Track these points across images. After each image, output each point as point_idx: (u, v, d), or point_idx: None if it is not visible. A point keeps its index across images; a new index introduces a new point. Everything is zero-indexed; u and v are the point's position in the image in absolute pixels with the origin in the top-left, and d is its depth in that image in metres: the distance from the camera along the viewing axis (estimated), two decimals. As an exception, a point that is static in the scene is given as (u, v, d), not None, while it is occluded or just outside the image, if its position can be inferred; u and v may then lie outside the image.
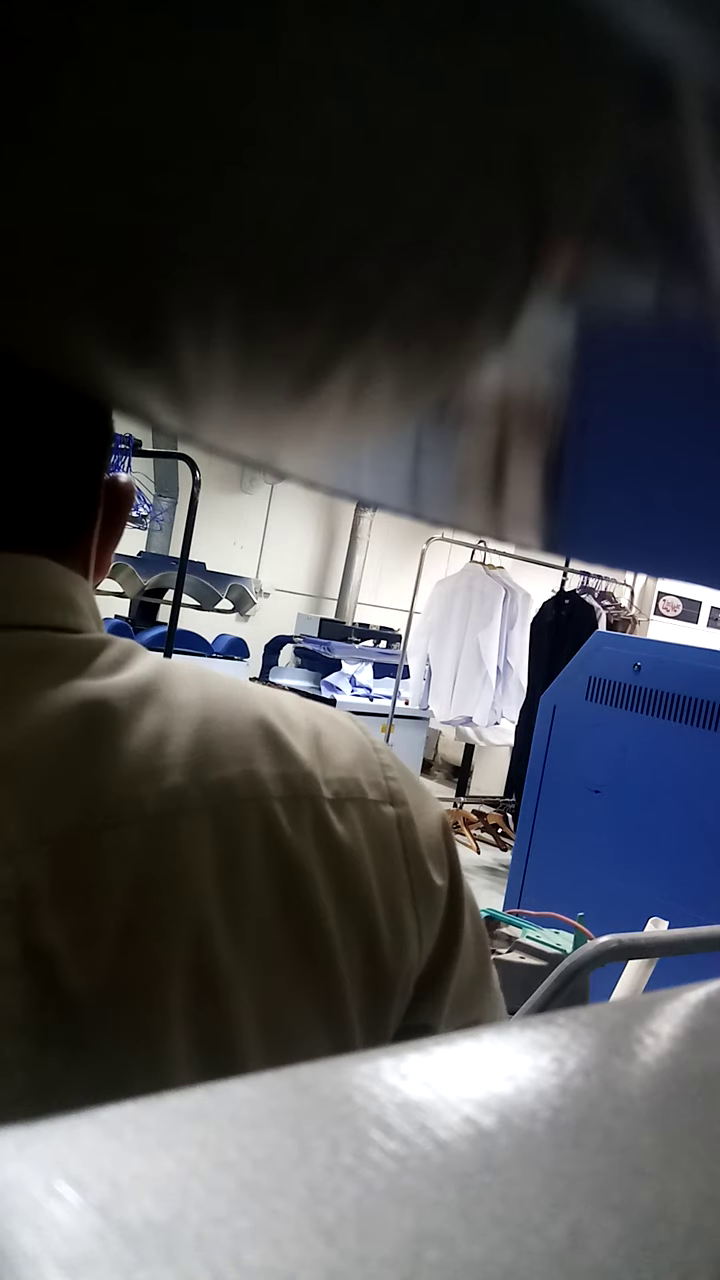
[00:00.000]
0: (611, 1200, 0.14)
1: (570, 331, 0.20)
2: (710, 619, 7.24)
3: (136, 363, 0.24)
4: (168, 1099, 0.14)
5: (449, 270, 0.18)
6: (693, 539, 0.37)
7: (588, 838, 2.50)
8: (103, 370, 0.25)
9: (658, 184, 0.14)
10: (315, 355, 0.22)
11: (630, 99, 0.12)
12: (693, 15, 0.11)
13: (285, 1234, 0.12)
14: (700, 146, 0.13)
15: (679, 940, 0.85)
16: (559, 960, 0.90)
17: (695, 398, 0.23)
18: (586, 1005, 0.21)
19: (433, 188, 0.15)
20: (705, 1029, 0.21)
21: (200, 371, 0.23)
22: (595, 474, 0.32)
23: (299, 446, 0.32)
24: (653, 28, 0.11)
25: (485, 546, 5.13)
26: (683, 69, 0.12)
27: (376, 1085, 0.16)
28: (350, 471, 0.36)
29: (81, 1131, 0.13)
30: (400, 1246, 0.12)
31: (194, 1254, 0.11)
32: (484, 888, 4.76)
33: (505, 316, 0.20)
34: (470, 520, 0.42)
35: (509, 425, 0.28)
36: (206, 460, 3.96)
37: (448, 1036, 0.18)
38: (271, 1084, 0.15)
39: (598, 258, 0.17)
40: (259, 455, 0.34)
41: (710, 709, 2.29)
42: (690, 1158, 0.15)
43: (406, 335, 0.21)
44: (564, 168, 0.14)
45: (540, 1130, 0.15)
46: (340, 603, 6.70)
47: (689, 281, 0.17)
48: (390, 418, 0.27)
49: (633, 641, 2.80)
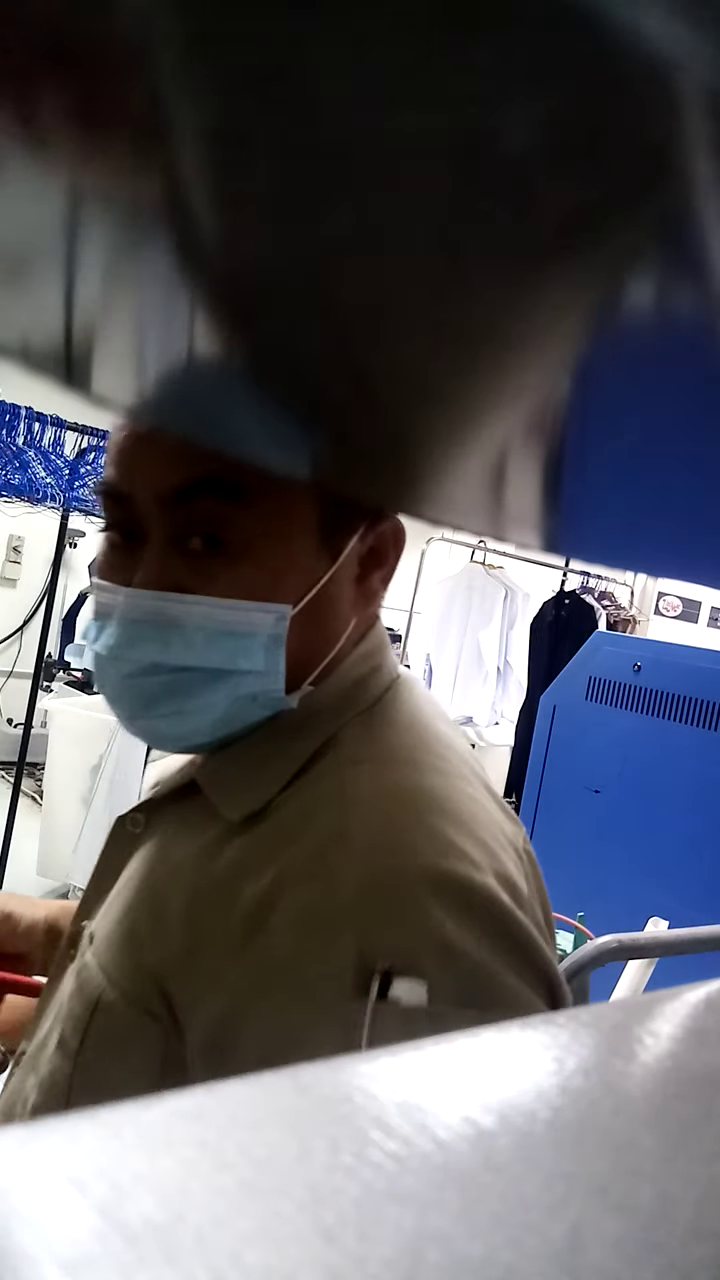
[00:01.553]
0: (611, 1200, 0.14)
1: (572, 331, 0.20)
2: (710, 619, 7.23)
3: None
4: (168, 1099, 0.14)
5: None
6: (693, 539, 0.37)
7: (588, 838, 2.50)
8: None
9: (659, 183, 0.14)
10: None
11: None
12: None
13: (285, 1234, 0.12)
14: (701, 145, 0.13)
15: (679, 940, 0.85)
16: (559, 960, 0.90)
17: (695, 397, 0.23)
18: (586, 1005, 0.21)
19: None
20: (705, 1029, 0.21)
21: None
22: (595, 474, 0.32)
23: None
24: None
25: (485, 546, 5.13)
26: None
27: (376, 1085, 0.16)
28: (352, 474, 0.36)
29: (81, 1131, 0.13)
30: (400, 1246, 0.12)
31: (194, 1254, 0.11)
32: (484, 888, 4.75)
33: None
34: (470, 520, 0.41)
35: (509, 425, 0.28)
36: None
37: (448, 1036, 0.18)
38: (271, 1084, 0.15)
39: (599, 256, 0.17)
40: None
41: (710, 709, 2.29)
42: (690, 1158, 0.15)
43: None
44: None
45: (540, 1130, 0.15)
46: (340, 603, 6.70)
47: (690, 281, 0.17)
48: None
49: (633, 641, 2.79)
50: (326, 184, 0.15)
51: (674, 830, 2.31)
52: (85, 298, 0.23)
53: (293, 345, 0.23)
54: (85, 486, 2.84)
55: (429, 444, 0.29)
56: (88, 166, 0.16)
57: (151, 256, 0.20)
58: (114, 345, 0.28)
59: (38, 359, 0.29)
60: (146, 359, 0.29)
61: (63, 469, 2.77)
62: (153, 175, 0.16)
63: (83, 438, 2.84)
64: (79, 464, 2.82)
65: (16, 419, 2.67)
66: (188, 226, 0.18)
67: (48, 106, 0.14)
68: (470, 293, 0.19)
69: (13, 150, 0.16)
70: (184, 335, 0.25)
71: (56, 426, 2.74)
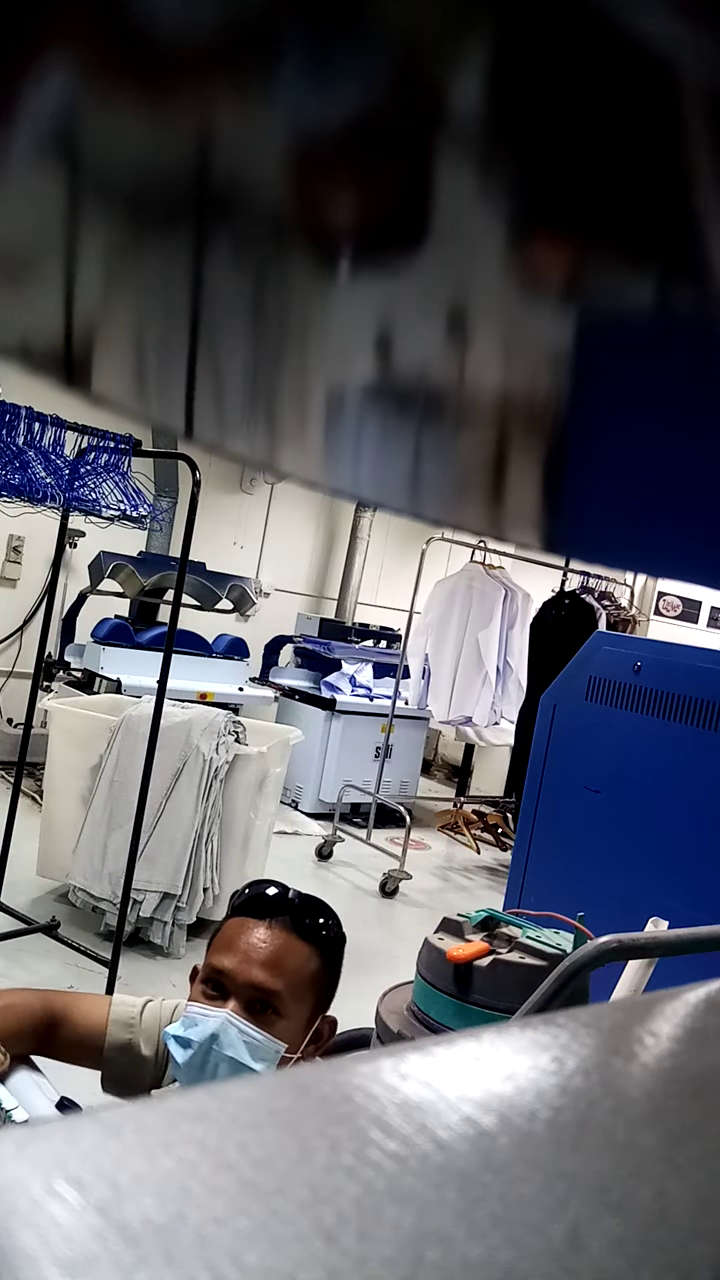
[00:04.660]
0: (611, 1200, 0.14)
1: (570, 330, 0.20)
2: (710, 619, 7.23)
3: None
4: (168, 1099, 0.14)
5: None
6: (693, 539, 0.37)
7: (588, 838, 2.50)
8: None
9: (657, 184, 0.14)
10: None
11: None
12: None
13: (285, 1234, 0.12)
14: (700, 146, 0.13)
15: (679, 940, 0.85)
16: (559, 960, 0.90)
17: (696, 396, 0.23)
18: (586, 1005, 0.21)
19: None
20: (705, 1029, 0.21)
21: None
22: (595, 473, 0.32)
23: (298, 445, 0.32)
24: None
25: (485, 546, 5.13)
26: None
27: (376, 1085, 0.16)
28: (350, 471, 0.36)
29: (81, 1131, 0.13)
30: (400, 1246, 0.12)
31: (194, 1254, 0.11)
32: (484, 888, 4.76)
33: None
34: (470, 520, 0.41)
35: (509, 425, 0.28)
36: (206, 460, 3.96)
37: (447, 1036, 0.18)
38: (271, 1084, 0.15)
39: (596, 257, 0.17)
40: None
41: (710, 709, 2.29)
42: (690, 1158, 0.15)
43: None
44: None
45: (540, 1130, 0.15)
46: (340, 603, 6.70)
47: (690, 280, 0.17)
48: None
49: (633, 641, 2.79)
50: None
51: (674, 830, 2.31)
52: (90, 297, 0.23)
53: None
54: (85, 486, 2.84)
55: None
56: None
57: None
58: (114, 345, 0.28)
59: (38, 359, 0.29)
60: (146, 359, 0.29)
61: (63, 469, 2.76)
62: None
63: (83, 438, 2.84)
64: (79, 464, 2.82)
65: (16, 419, 2.67)
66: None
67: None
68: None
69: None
70: (187, 338, 0.25)
71: (56, 426, 2.74)
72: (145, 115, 0.14)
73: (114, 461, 2.88)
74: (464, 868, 5.13)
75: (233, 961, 1.13)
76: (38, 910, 3.15)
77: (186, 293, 0.21)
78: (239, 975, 1.13)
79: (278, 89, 0.13)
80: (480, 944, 1.13)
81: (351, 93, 0.13)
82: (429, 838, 5.45)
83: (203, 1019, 1.12)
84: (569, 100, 0.12)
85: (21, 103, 0.14)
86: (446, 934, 1.17)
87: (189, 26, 0.12)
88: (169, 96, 0.13)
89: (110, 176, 0.16)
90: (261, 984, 1.12)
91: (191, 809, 3.09)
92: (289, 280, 0.20)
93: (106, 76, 0.13)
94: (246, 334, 0.23)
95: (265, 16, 0.11)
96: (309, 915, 1.19)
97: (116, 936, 2.77)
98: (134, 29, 0.12)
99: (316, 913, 1.21)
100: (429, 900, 4.30)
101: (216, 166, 0.15)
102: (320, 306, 0.21)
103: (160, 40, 0.12)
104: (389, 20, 0.11)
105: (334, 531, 7.09)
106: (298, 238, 0.17)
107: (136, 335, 0.27)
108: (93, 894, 3.08)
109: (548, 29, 0.11)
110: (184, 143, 0.15)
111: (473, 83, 0.12)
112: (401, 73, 0.12)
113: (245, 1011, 1.12)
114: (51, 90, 0.14)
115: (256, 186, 0.16)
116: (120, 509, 2.94)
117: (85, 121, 0.14)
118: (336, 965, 1.21)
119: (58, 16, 0.12)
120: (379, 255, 0.18)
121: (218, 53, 0.12)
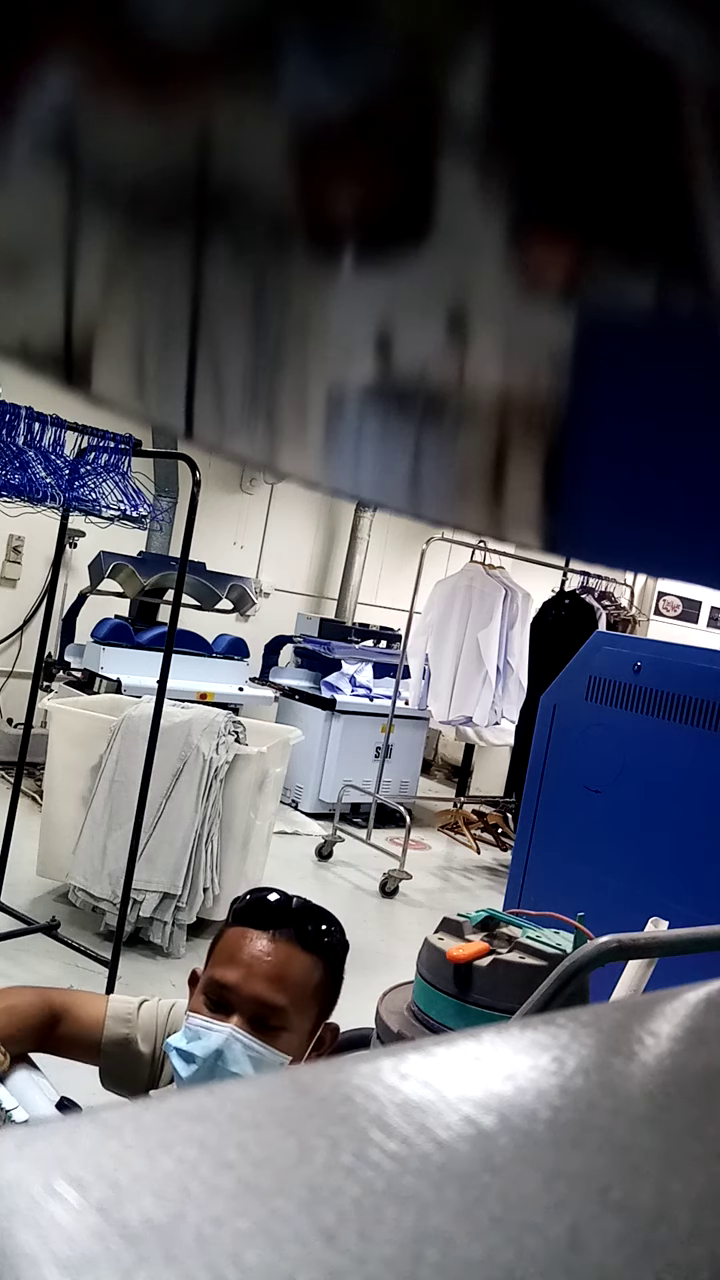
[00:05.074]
0: (611, 1200, 0.14)
1: (570, 330, 0.20)
2: (710, 619, 7.23)
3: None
4: (168, 1099, 0.14)
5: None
6: (693, 539, 0.37)
7: (588, 838, 2.50)
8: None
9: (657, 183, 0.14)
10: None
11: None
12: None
13: (285, 1234, 0.12)
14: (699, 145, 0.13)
15: (679, 940, 0.85)
16: (559, 960, 0.90)
17: (696, 396, 0.23)
18: (586, 1005, 0.21)
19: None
20: (705, 1029, 0.21)
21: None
22: (595, 473, 0.32)
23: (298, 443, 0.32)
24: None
25: (485, 546, 5.13)
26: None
27: (376, 1085, 0.16)
28: (350, 471, 0.36)
29: (81, 1131, 0.13)
30: (400, 1246, 0.12)
31: (194, 1254, 0.11)
32: (484, 888, 4.76)
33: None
34: (470, 520, 0.41)
35: (509, 424, 0.28)
36: (206, 460, 3.96)
37: (447, 1036, 0.18)
38: (271, 1084, 0.15)
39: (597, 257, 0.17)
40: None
41: (710, 709, 2.29)
42: (690, 1158, 0.15)
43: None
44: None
45: (540, 1130, 0.15)
46: (340, 603, 6.70)
47: (690, 280, 0.17)
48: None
49: (633, 641, 2.79)
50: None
51: (674, 830, 2.31)
52: (91, 297, 0.23)
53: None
54: (85, 486, 2.84)
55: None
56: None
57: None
58: (114, 345, 0.28)
59: (38, 359, 0.29)
60: (146, 359, 0.29)
61: (63, 469, 2.76)
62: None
63: (83, 438, 2.84)
64: (79, 464, 2.82)
65: (16, 419, 2.67)
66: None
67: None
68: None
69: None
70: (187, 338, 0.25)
71: (56, 426, 2.74)
72: (145, 114, 0.14)
73: (114, 461, 2.88)
74: (464, 868, 5.13)
75: (236, 975, 1.11)
76: (38, 910, 3.15)
77: (187, 292, 0.21)
78: (243, 990, 1.11)
79: (278, 88, 0.13)
80: (480, 944, 1.13)
81: (351, 92, 0.13)
82: (429, 838, 5.45)
83: (206, 1033, 1.11)
84: (569, 99, 0.12)
85: (22, 102, 0.14)
86: (446, 934, 1.17)
87: (189, 24, 0.12)
88: (169, 95, 0.13)
89: (110, 176, 0.16)
90: (267, 1000, 1.11)
91: (191, 809, 3.09)
92: (289, 280, 0.20)
93: (106, 75, 0.13)
94: (246, 333, 0.23)
95: (266, 14, 0.11)
96: (312, 925, 1.17)
97: (116, 936, 2.77)
98: (134, 27, 0.12)
99: (319, 921, 1.19)
100: (429, 900, 4.30)
101: (217, 165, 0.15)
102: (320, 306, 0.21)
103: (160, 38, 0.12)
104: (388, 18, 0.11)
105: (334, 531, 7.09)
106: (298, 237, 0.17)
107: (136, 335, 0.27)
108: (93, 894, 3.08)
109: (548, 27, 0.11)
110: (184, 142, 0.15)
111: (472, 81, 0.12)
112: (401, 72, 0.12)
113: (249, 1026, 1.11)
114: (52, 90, 0.14)
115: (256, 185, 0.16)
116: (120, 509, 2.94)
117: (85, 121, 0.14)
118: (339, 973, 1.19)
119: (58, 16, 0.12)
120: (379, 255, 0.18)
121: (218, 51, 0.12)
